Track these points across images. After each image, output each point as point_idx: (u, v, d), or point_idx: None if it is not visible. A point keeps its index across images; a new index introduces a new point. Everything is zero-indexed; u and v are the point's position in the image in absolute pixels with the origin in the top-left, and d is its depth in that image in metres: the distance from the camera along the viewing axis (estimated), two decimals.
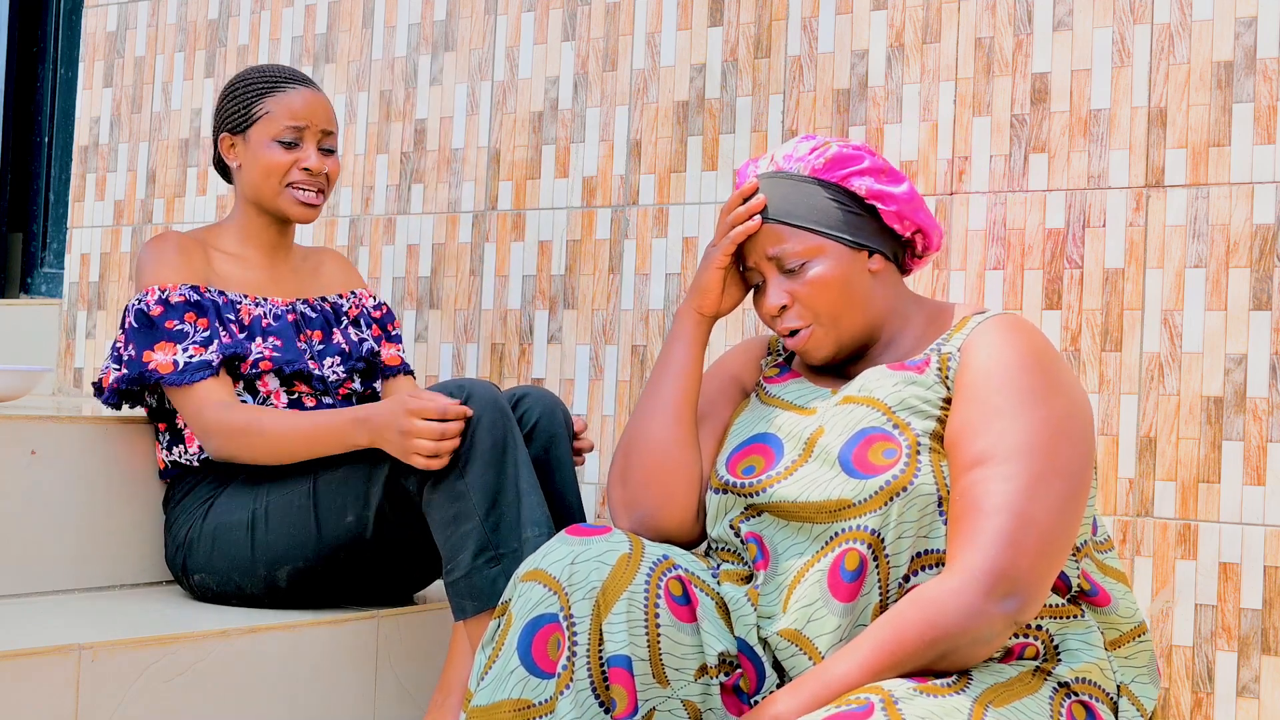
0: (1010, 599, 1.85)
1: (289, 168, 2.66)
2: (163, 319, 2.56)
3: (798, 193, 2.07)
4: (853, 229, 2.06)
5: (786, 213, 2.06)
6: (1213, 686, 2.40)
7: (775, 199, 2.08)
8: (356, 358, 2.73)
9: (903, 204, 2.09)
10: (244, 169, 2.69)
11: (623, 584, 1.91)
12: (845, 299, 2.06)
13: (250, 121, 2.67)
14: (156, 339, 2.55)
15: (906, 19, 2.71)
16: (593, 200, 3.01)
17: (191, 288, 2.59)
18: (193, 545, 2.55)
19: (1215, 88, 2.45)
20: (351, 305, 2.81)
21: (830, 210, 2.06)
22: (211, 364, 2.52)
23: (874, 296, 2.08)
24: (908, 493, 1.93)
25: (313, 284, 2.79)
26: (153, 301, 2.57)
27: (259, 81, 2.70)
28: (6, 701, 2.01)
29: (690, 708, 1.94)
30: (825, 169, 2.07)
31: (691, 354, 2.15)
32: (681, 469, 2.12)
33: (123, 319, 2.61)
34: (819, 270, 2.05)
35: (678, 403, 2.13)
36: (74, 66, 4.18)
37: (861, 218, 2.07)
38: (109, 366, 2.62)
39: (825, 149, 2.09)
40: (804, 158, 2.09)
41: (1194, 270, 2.45)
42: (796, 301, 2.06)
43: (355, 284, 2.85)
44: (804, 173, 2.08)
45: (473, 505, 2.36)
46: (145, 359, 2.54)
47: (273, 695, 2.35)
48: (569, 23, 3.06)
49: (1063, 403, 1.96)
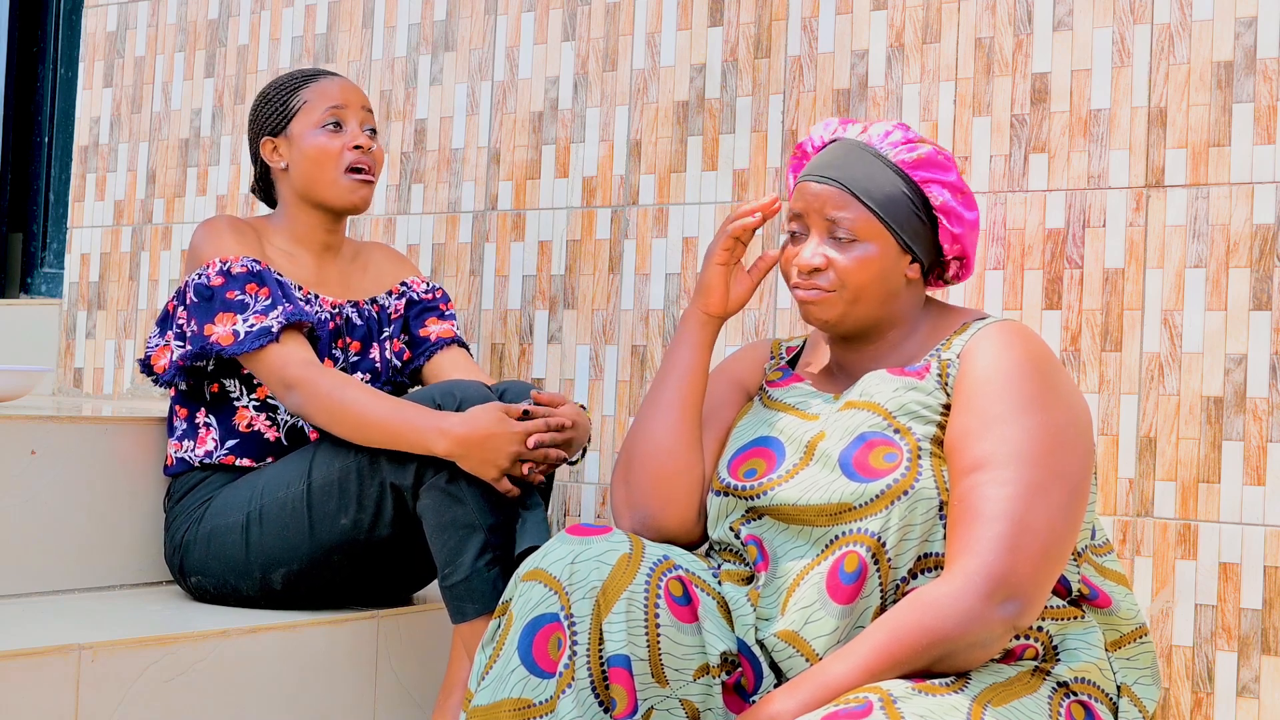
0: (1009, 604, 1.85)
1: (340, 151, 2.63)
2: (224, 289, 2.51)
3: (878, 174, 2.06)
4: (911, 232, 2.06)
5: (861, 187, 2.05)
6: (1213, 686, 2.40)
7: (855, 168, 2.06)
8: (385, 380, 2.71)
9: (966, 230, 2.09)
10: (292, 167, 2.65)
11: (623, 584, 1.91)
12: (874, 288, 2.05)
13: (289, 117, 2.65)
14: (216, 311, 2.50)
15: (906, 19, 2.71)
16: (593, 200, 3.01)
17: (253, 260, 2.55)
18: (189, 547, 2.55)
19: (1215, 88, 2.45)
20: (399, 301, 2.77)
21: (901, 205, 2.06)
22: (272, 330, 2.47)
23: (897, 298, 2.08)
24: (909, 496, 1.93)
25: (361, 283, 2.75)
26: (213, 273, 2.52)
27: (288, 82, 2.69)
28: (6, 701, 2.01)
29: (689, 707, 1.94)
30: (912, 165, 2.07)
31: (697, 356, 2.15)
32: (685, 472, 2.12)
33: (181, 294, 2.56)
34: (865, 252, 2.05)
35: (683, 406, 2.13)
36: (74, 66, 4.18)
37: (923, 224, 2.07)
38: (159, 344, 2.58)
39: (919, 146, 2.08)
40: (896, 144, 2.08)
41: (1194, 270, 2.45)
42: (831, 268, 2.05)
43: (406, 273, 2.81)
44: (891, 158, 2.07)
45: (474, 506, 2.36)
46: (207, 332, 2.49)
47: (272, 696, 2.35)
48: (569, 23, 3.06)
49: (1061, 409, 1.96)
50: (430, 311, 2.78)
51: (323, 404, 2.43)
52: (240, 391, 2.58)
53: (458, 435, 2.34)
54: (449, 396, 2.43)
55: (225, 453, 2.58)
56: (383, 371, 2.69)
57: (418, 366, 2.76)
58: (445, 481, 2.37)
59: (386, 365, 2.70)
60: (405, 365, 2.74)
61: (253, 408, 2.58)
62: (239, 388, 2.58)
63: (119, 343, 3.63)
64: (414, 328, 2.76)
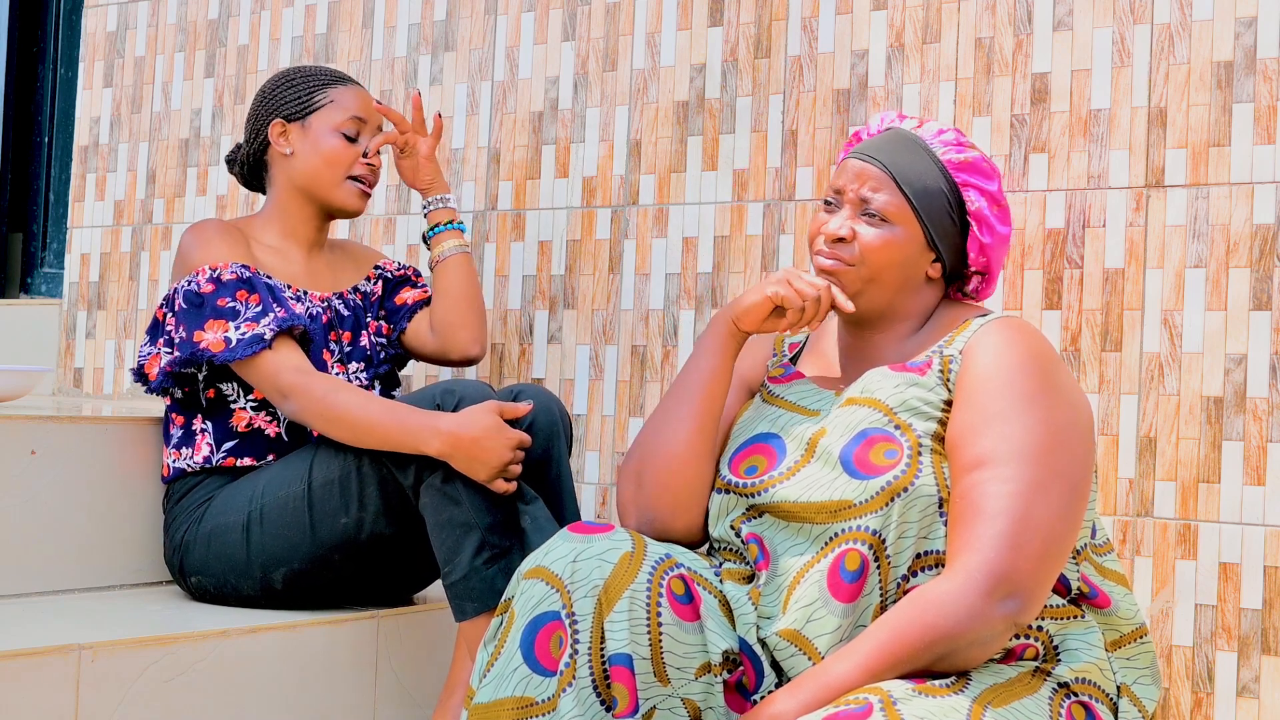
0: (1010, 600, 1.85)
1: (352, 161, 2.67)
2: (214, 296, 2.51)
3: (922, 165, 2.08)
4: (940, 229, 2.07)
5: (902, 173, 2.07)
6: (1213, 686, 2.40)
7: (900, 155, 2.08)
8: (379, 363, 2.72)
9: (995, 241, 2.10)
10: (299, 156, 2.67)
11: (625, 582, 1.91)
12: (891, 273, 2.06)
13: (311, 108, 2.66)
14: (206, 318, 2.51)
15: (906, 19, 2.71)
16: (593, 200, 3.01)
17: (243, 266, 2.56)
18: (189, 547, 2.55)
19: (1215, 88, 2.45)
20: (376, 285, 2.80)
21: (937, 200, 2.07)
22: (264, 337, 2.48)
23: (914, 292, 2.09)
24: (909, 493, 1.93)
25: (345, 274, 2.78)
26: (203, 280, 2.53)
27: (317, 74, 2.71)
28: (6, 701, 2.01)
29: (690, 706, 1.94)
30: (957, 166, 2.09)
31: (722, 366, 2.13)
32: (697, 480, 2.12)
33: (170, 301, 2.57)
34: (891, 234, 2.06)
35: (702, 415, 2.12)
36: (74, 66, 4.18)
37: (954, 226, 2.08)
38: (150, 351, 2.58)
39: (966, 150, 2.10)
40: (947, 144, 2.10)
41: (1194, 270, 2.45)
42: (856, 241, 2.06)
43: (377, 258, 2.86)
44: (938, 155, 2.09)
45: (469, 506, 2.36)
46: (196, 339, 2.50)
47: (273, 695, 2.35)
48: (569, 23, 3.06)
49: (1063, 406, 1.96)
50: (403, 284, 2.83)
51: (317, 409, 2.44)
52: (237, 394, 2.59)
53: (449, 435, 2.34)
54: (449, 395, 2.43)
55: (224, 455, 2.58)
56: (373, 356, 2.71)
57: (400, 334, 2.79)
58: (441, 481, 2.37)
59: (375, 348, 2.72)
60: (389, 340, 2.76)
61: (250, 407, 2.58)
62: (235, 390, 2.59)
63: (119, 343, 3.63)
64: (389, 302, 2.80)
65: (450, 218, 2.81)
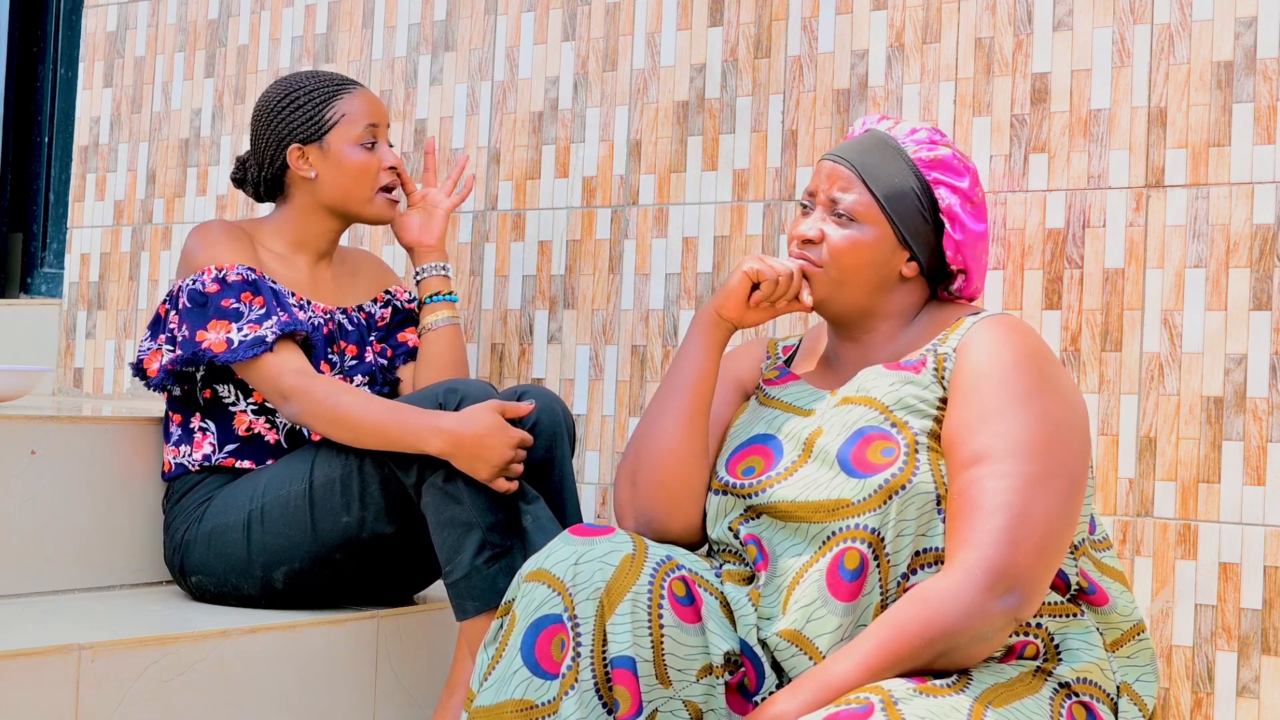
0: (1009, 595, 1.85)
1: (378, 171, 2.65)
2: (219, 297, 2.51)
3: (891, 164, 2.08)
4: (911, 229, 2.07)
5: (870, 173, 2.07)
6: (1213, 686, 2.40)
7: (870, 155, 2.09)
8: (382, 382, 2.71)
9: (968, 239, 2.10)
10: (324, 177, 2.64)
11: (626, 585, 1.91)
12: (862, 274, 2.07)
13: (325, 128, 2.63)
14: (210, 317, 2.50)
15: (906, 19, 2.71)
16: (593, 200, 3.01)
17: (248, 268, 2.55)
18: (190, 546, 2.55)
19: (1215, 88, 2.45)
20: (385, 310, 2.78)
21: (907, 199, 2.07)
22: (266, 340, 2.47)
23: (889, 292, 2.09)
24: (906, 491, 1.93)
25: (351, 290, 2.75)
26: (208, 280, 2.52)
27: (318, 87, 2.66)
28: (6, 701, 2.02)
29: (692, 708, 1.94)
30: (927, 164, 2.09)
31: (708, 360, 2.14)
32: (692, 479, 2.12)
33: (173, 298, 2.56)
34: (858, 235, 2.07)
35: (691, 413, 2.12)
36: (74, 66, 4.18)
37: (927, 225, 2.08)
38: (151, 348, 2.58)
39: (937, 147, 2.10)
40: (919, 142, 2.11)
41: (1194, 270, 2.45)
42: (825, 242, 2.07)
43: (391, 281, 2.83)
44: (908, 154, 2.09)
45: (471, 505, 2.36)
46: (198, 338, 2.49)
47: (273, 695, 2.35)
48: (569, 23, 3.06)
49: (1058, 401, 1.96)
50: (409, 323, 2.80)
51: (319, 411, 2.44)
52: (236, 397, 2.59)
53: (450, 433, 2.34)
54: (452, 394, 2.44)
55: (225, 456, 2.58)
56: (377, 375, 2.70)
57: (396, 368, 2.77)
58: (443, 480, 2.38)
59: (378, 367, 2.71)
60: (389, 362, 2.76)
61: (250, 412, 2.58)
62: (233, 393, 2.59)
63: (119, 343, 3.63)
64: (392, 338, 2.78)
65: (447, 288, 2.77)
